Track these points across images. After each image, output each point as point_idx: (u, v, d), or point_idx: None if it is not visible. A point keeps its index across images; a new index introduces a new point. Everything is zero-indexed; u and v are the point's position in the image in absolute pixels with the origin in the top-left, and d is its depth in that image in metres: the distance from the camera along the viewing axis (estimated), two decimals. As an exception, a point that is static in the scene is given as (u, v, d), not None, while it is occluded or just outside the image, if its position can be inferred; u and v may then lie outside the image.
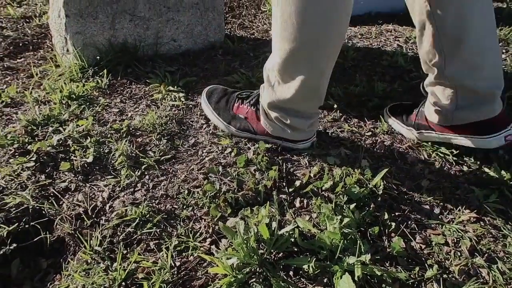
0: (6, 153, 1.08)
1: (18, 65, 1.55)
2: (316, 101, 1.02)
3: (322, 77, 0.96)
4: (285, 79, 0.97)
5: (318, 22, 0.85)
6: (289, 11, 0.85)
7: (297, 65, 0.93)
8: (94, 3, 1.40)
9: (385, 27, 1.88)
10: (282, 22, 0.87)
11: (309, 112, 1.04)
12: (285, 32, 0.88)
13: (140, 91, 1.37)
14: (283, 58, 0.93)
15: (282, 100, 1.00)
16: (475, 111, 0.99)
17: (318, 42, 0.88)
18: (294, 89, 0.96)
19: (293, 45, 0.89)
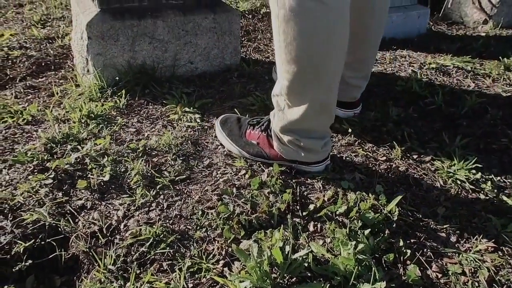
0: (26, 170, 1.10)
1: (40, 84, 1.59)
2: (327, 119, 1.03)
3: (330, 93, 0.98)
4: (293, 101, 0.99)
5: (321, 38, 0.88)
6: (292, 34, 0.88)
7: (305, 84, 0.95)
8: (116, 26, 1.45)
9: (399, 53, 1.90)
10: (286, 45, 0.90)
11: (321, 131, 1.05)
12: (290, 55, 0.91)
13: (157, 111, 1.40)
14: (290, 80, 0.95)
15: (293, 121, 1.02)
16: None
17: (323, 59, 0.91)
18: (304, 109, 0.98)
19: (299, 66, 0.91)
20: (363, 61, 1.26)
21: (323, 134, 1.06)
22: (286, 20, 0.87)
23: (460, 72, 1.69)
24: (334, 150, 1.21)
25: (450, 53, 1.89)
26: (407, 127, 1.31)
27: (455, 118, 1.37)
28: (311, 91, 0.96)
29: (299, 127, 1.03)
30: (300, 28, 0.87)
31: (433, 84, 1.58)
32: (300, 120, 1.00)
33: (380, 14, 1.20)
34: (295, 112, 1.00)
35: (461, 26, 2.43)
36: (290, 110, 1.01)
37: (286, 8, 0.86)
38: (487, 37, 2.16)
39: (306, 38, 0.88)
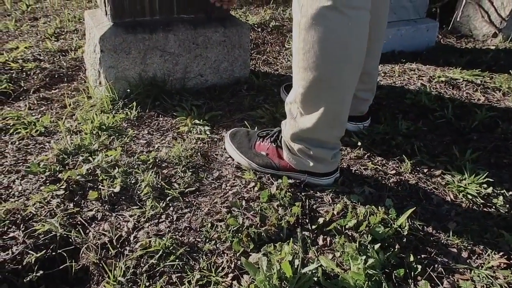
0: (38, 181, 1.12)
1: (53, 96, 1.62)
2: (338, 130, 1.04)
3: (343, 104, 0.99)
4: (307, 109, 1.00)
5: (339, 48, 0.90)
6: (311, 41, 0.90)
7: (319, 93, 0.96)
8: (128, 39, 1.48)
9: (408, 66, 1.90)
10: (304, 53, 0.92)
11: (331, 142, 1.06)
12: (307, 62, 0.93)
13: (167, 123, 1.41)
14: (306, 88, 0.97)
15: (305, 130, 1.03)
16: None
17: (340, 68, 0.93)
18: (317, 118, 0.99)
19: (316, 74, 0.93)
20: (370, 73, 1.27)
21: (334, 145, 1.07)
22: (307, 28, 0.90)
23: (470, 86, 1.69)
24: (343, 163, 1.21)
25: (459, 66, 1.88)
26: (417, 140, 1.30)
27: (465, 132, 1.36)
28: (325, 101, 0.97)
29: (310, 136, 1.04)
30: (320, 36, 0.89)
31: (442, 98, 1.57)
32: (311, 129, 1.01)
33: (382, 26, 1.23)
34: (307, 121, 1.01)
35: (470, 39, 2.43)
36: (303, 118, 1.02)
37: (308, 16, 0.89)
38: (496, 50, 2.16)
39: (325, 47, 0.90)
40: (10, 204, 1.02)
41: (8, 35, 2.19)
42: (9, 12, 2.60)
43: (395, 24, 2.13)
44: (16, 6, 2.72)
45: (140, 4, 1.49)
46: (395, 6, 2.14)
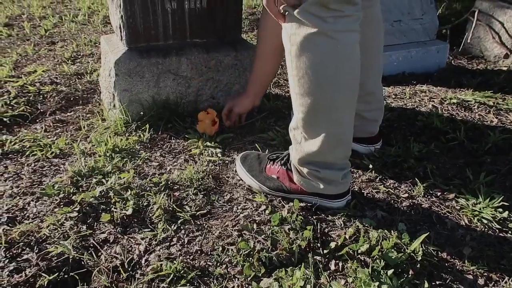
0: (52, 203, 1.13)
1: (68, 118, 1.66)
2: (344, 150, 1.05)
3: (344, 126, 1.00)
4: (309, 133, 1.01)
5: (332, 72, 0.92)
6: (303, 68, 0.92)
7: (318, 117, 0.98)
8: (142, 63, 1.52)
9: (419, 88, 1.91)
10: (299, 79, 0.95)
11: (339, 162, 1.06)
12: (302, 88, 0.95)
13: (179, 145, 1.43)
14: (305, 113, 0.98)
15: (311, 154, 1.03)
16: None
17: (335, 91, 0.94)
18: (320, 141, 1.00)
19: (312, 98, 0.95)
20: (373, 92, 1.28)
21: (342, 165, 1.07)
22: (297, 55, 0.92)
23: (482, 107, 1.68)
24: (355, 186, 1.20)
25: (471, 87, 1.88)
26: (429, 163, 1.29)
27: (478, 154, 1.35)
28: (325, 124, 0.98)
29: (317, 159, 1.04)
30: (311, 62, 0.91)
31: (454, 120, 1.57)
32: (317, 152, 1.02)
33: (378, 46, 1.25)
34: (312, 145, 1.02)
35: (482, 60, 2.43)
36: (307, 143, 1.03)
37: (297, 44, 0.91)
38: (508, 71, 2.15)
39: (317, 72, 0.92)
40: (24, 226, 1.04)
41: (27, 59, 2.26)
42: (28, 36, 2.69)
43: (405, 46, 2.15)
44: (35, 30, 2.81)
45: (154, 29, 1.54)
46: (405, 29, 2.16)
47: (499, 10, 2.39)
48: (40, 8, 3.29)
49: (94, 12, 3.26)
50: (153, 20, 1.52)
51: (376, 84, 1.30)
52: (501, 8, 2.39)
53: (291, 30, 0.92)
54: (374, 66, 1.27)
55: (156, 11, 1.51)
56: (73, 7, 3.37)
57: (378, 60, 1.28)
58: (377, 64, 1.27)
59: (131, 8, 1.47)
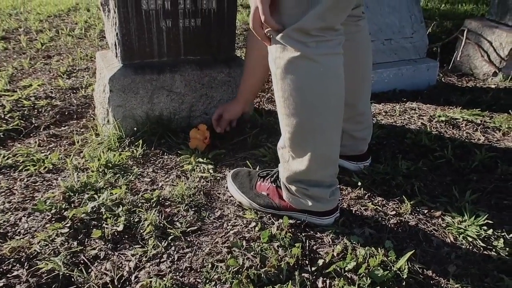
0: (44, 218, 1.14)
1: (62, 133, 1.67)
2: (331, 169, 1.07)
3: (331, 145, 1.03)
4: (297, 153, 1.04)
5: (315, 94, 0.95)
6: (288, 90, 0.95)
7: (305, 137, 1.00)
8: (136, 80, 1.54)
9: (409, 105, 1.94)
10: (284, 101, 0.98)
11: (327, 180, 1.08)
12: (288, 109, 0.98)
13: (172, 161, 1.45)
14: (291, 133, 1.01)
15: (298, 172, 1.06)
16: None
17: (319, 112, 0.97)
18: (307, 161, 1.02)
19: (298, 119, 0.98)
20: (363, 112, 1.31)
21: (330, 182, 1.09)
22: (282, 78, 0.95)
23: (470, 125, 1.71)
24: (344, 203, 1.22)
25: (459, 105, 1.92)
26: (417, 181, 1.32)
27: (465, 172, 1.38)
28: (312, 144, 1.01)
29: (304, 177, 1.06)
30: (295, 85, 0.94)
31: (442, 137, 1.60)
32: (304, 171, 1.04)
33: (366, 67, 1.29)
34: (299, 164, 1.04)
35: (471, 78, 2.48)
36: (295, 162, 1.05)
37: (282, 67, 0.94)
38: (496, 89, 2.20)
39: (301, 94, 0.95)
40: (15, 242, 1.05)
41: (23, 73, 2.28)
42: (25, 50, 2.71)
43: (395, 64, 2.19)
44: (31, 44, 2.84)
45: (149, 47, 1.57)
46: (396, 47, 2.21)
47: (487, 29, 2.46)
48: (37, 22, 3.32)
49: (91, 26, 3.30)
50: (148, 38, 1.55)
51: (366, 105, 1.33)
52: (489, 28, 2.45)
53: (276, 54, 0.95)
54: (364, 88, 1.30)
55: (151, 29, 1.54)
56: (70, 21, 3.41)
57: (368, 82, 1.31)
58: (367, 85, 1.31)
59: (126, 26, 1.50)
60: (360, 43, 1.22)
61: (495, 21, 2.51)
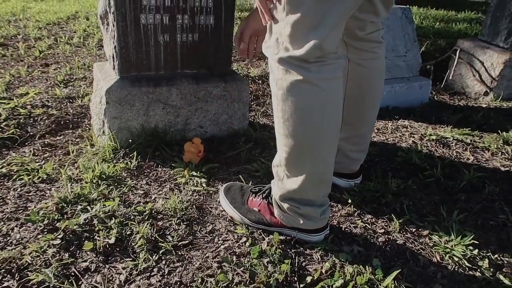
0: (36, 229, 1.15)
1: (57, 142, 1.68)
2: (324, 189, 1.09)
3: (326, 166, 1.05)
4: (291, 172, 1.06)
5: (315, 117, 0.97)
6: (288, 111, 0.98)
7: (301, 157, 1.02)
8: (133, 92, 1.56)
9: (401, 123, 1.98)
10: (284, 121, 1.00)
11: (319, 200, 1.10)
12: (287, 130, 1.00)
13: (165, 174, 1.46)
14: (288, 153, 1.03)
15: (291, 191, 1.08)
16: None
17: (317, 134, 0.99)
18: (301, 180, 1.04)
19: (296, 140, 1.00)
20: (363, 136, 1.33)
21: (321, 202, 1.11)
22: (283, 99, 0.97)
23: (460, 145, 1.75)
24: (333, 221, 1.24)
25: (450, 124, 1.96)
26: (406, 199, 1.34)
27: (453, 191, 1.40)
28: (307, 164, 1.03)
29: (297, 196, 1.08)
30: (296, 107, 0.96)
31: (433, 156, 1.63)
32: (298, 190, 1.06)
33: (376, 96, 1.29)
34: (293, 183, 1.06)
35: (463, 97, 2.53)
36: (289, 181, 1.07)
37: (283, 89, 0.97)
38: (487, 109, 2.24)
39: (301, 116, 0.97)
40: (7, 253, 1.05)
41: (20, 81, 2.30)
42: (23, 57, 2.73)
43: (389, 81, 2.23)
44: (29, 51, 2.86)
45: (146, 60, 1.59)
46: (390, 65, 2.25)
47: (479, 50, 2.51)
48: (36, 29, 3.35)
49: (90, 35, 3.33)
50: (146, 51, 1.58)
51: (369, 130, 1.34)
52: (481, 48, 2.51)
53: (279, 75, 0.97)
54: (369, 114, 1.31)
55: (149, 43, 1.57)
56: (68, 29, 3.44)
57: (374, 110, 1.31)
58: (373, 113, 1.31)
59: (124, 40, 1.52)
60: (372, 70, 1.23)
61: (487, 41, 2.56)
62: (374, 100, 1.30)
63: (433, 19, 4.28)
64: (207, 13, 1.63)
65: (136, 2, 1.49)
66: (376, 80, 1.27)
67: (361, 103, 1.28)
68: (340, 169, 1.37)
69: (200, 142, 1.54)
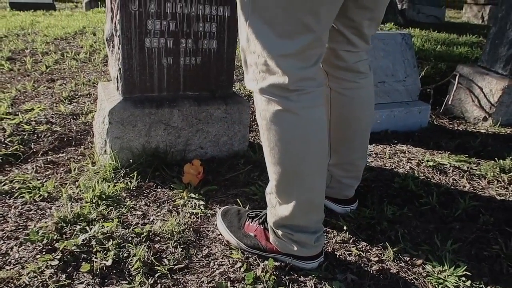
0: (35, 249, 1.17)
1: (59, 160, 1.71)
2: (315, 215, 1.11)
3: (315, 192, 1.07)
4: (282, 199, 1.08)
5: (298, 145, 1.00)
6: (273, 140, 1.01)
7: (290, 185, 1.05)
8: (135, 113, 1.59)
9: (399, 148, 2.00)
10: (270, 150, 1.03)
11: (312, 226, 1.12)
12: (273, 158, 1.03)
13: (165, 195, 1.48)
14: (277, 181, 1.06)
15: (284, 218, 1.10)
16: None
17: (302, 162, 1.02)
18: (292, 207, 1.07)
19: (282, 168, 1.03)
20: (353, 163, 1.35)
21: (315, 229, 1.13)
22: (268, 129, 1.01)
23: (457, 172, 1.76)
24: (328, 247, 1.25)
25: (448, 150, 1.98)
26: (401, 227, 1.36)
27: (448, 220, 1.42)
28: (296, 191, 1.05)
29: (290, 222, 1.10)
30: (279, 136, 1.00)
31: (429, 183, 1.64)
32: (290, 217, 1.08)
33: (368, 124, 1.32)
34: (285, 210, 1.08)
35: (462, 121, 2.55)
36: (281, 207, 1.09)
37: (267, 119, 1.00)
38: (486, 134, 2.26)
39: (285, 145, 1.00)
40: (5, 273, 1.07)
41: (25, 96, 2.34)
42: (29, 72, 2.78)
43: (388, 106, 2.26)
44: (36, 66, 2.91)
45: (150, 82, 1.63)
46: (389, 89, 2.29)
47: (478, 75, 2.55)
48: (44, 44, 3.41)
49: (96, 50, 3.39)
50: (149, 73, 1.61)
51: (358, 156, 1.35)
52: (480, 74, 2.54)
53: (262, 106, 1.01)
54: (361, 143, 1.33)
55: (153, 66, 1.61)
56: (75, 45, 3.50)
57: (362, 137, 1.33)
58: (360, 140, 1.33)
59: (129, 62, 1.56)
60: (355, 100, 1.25)
61: (486, 68, 2.60)
62: (361, 128, 1.31)
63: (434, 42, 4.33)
64: (210, 38, 1.67)
65: (141, 26, 1.54)
66: (360, 110, 1.28)
67: (347, 131, 1.30)
68: (334, 194, 1.39)
69: (199, 164, 1.56)
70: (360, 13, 1.13)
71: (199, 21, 1.62)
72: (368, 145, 1.37)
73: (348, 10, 1.11)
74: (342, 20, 1.14)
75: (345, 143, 1.32)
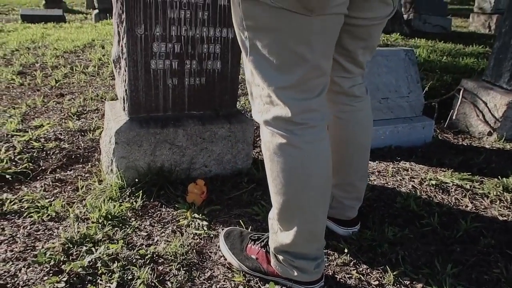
0: (42, 270, 1.20)
1: (67, 177, 1.75)
2: (316, 244, 1.13)
3: (316, 222, 1.09)
4: (284, 226, 1.10)
5: (300, 176, 1.02)
6: (276, 171, 1.04)
7: (291, 214, 1.07)
8: (141, 133, 1.63)
9: (402, 165, 2.01)
10: (273, 180, 1.06)
11: (312, 253, 1.13)
12: (276, 188, 1.06)
13: (169, 215, 1.51)
14: (279, 209, 1.08)
15: (285, 245, 1.12)
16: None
17: (304, 193, 1.04)
18: (293, 235, 1.09)
19: (285, 198, 1.05)
20: (352, 184, 1.37)
21: (315, 255, 1.14)
22: (271, 160, 1.04)
23: (459, 191, 1.77)
24: (329, 270, 1.27)
25: (451, 167, 1.98)
26: (402, 249, 1.37)
27: (449, 242, 1.42)
28: (298, 220, 1.07)
29: (291, 250, 1.12)
30: (282, 167, 1.02)
31: (431, 203, 1.65)
32: (291, 244, 1.10)
33: (367, 145, 1.34)
34: (286, 237, 1.10)
35: (467, 136, 2.55)
36: (282, 234, 1.11)
37: (270, 150, 1.03)
38: (490, 150, 2.26)
39: (287, 176, 1.03)
40: (14, 295, 1.10)
41: (35, 111, 2.40)
42: (39, 87, 2.84)
43: (392, 122, 2.28)
44: (46, 80, 2.98)
45: (155, 102, 1.67)
46: (393, 105, 2.30)
47: (482, 90, 2.55)
48: (54, 58, 3.48)
49: (104, 64, 3.45)
50: (155, 94, 1.65)
51: (358, 177, 1.37)
52: (484, 89, 2.54)
53: (266, 138, 1.04)
54: (359, 165, 1.35)
55: (158, 86, 1.65)
56: (84, 58, 3.57)
57: (361, 160, 1.35)
58: (358, 162, 1.35)
59: (135, 84, 1.60)
60: (351, 123, 1.28)
61: (490, 82, 2.60)
62: (359, 150, 1.33)
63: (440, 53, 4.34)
64: (215, 59, 1.70)
65: (147, 49, 1.58)
66: (357, 132, 1.31)
67: (345, 153, 1.32)
68: (336, 215, 1.41)
69: (203, 184, 1.59)
70: (354, 43, 1.16)
71: (203, 43, 1.66)
72: (367, 166, 1.39)
73: (342, 40, 1.14)
74: (337, 49, 1.16)
75: (344, 165, 1.33)
